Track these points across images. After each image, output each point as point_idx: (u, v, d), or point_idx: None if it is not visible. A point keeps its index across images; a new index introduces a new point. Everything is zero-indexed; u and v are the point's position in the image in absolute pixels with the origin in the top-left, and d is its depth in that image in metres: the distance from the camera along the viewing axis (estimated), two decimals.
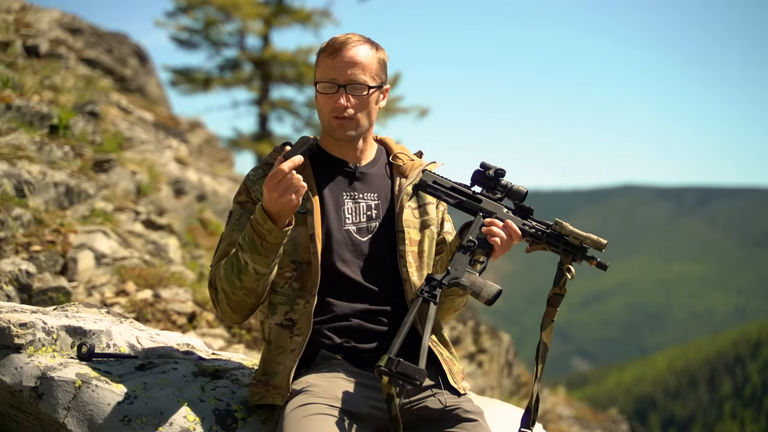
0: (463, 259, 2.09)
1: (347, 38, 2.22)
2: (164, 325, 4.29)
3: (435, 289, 2.03)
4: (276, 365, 2.18)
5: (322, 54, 2.24)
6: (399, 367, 1.87)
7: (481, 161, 2.27)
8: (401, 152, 2.41)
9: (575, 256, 2.15)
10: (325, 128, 2.28)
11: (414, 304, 2.01)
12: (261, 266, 2.09)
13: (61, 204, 5.20)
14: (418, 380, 1.87)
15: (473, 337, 11.23)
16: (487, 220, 2.17)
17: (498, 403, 2.71)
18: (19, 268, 4.04)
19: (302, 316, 2.18)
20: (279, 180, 2.01)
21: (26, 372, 2.15)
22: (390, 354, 1.89)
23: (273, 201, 2.02)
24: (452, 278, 2.06)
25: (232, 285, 2.12)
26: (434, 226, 2.37)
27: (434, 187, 2.26)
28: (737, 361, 56.79)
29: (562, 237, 2.17)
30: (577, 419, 13.26)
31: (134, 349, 2.47)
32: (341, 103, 2.20)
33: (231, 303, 2.16)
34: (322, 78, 2.22)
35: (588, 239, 2.14)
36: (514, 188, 2.23)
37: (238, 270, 2.11)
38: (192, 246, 7.19)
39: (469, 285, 2.06)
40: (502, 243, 2.14)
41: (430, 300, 2.02)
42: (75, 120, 6.39)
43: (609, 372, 67.10)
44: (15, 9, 8.97)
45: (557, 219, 2.18)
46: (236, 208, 2.26)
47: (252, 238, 2.07)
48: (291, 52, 19.83)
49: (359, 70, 2.21)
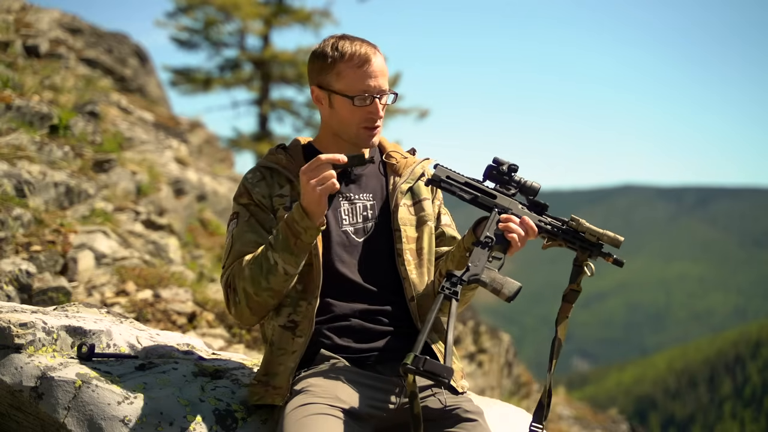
0: (482, 256, 2.06)
1: (366, 48, 2.19)
2: (164, 325, 4.29)
3: (456, 285, 1.98)
4: (277, 366, 2.18)
5: (345, 65, 2.18)
6: (426, 365, 1.81)
7: (494, 157, 2.25)
8: (394, 150, 2.41)
9: (592, 253, 2.14)
10: (351, 138, 2.25)
11: (435, 302, 1.95)
12: (291, 266, 2.10)
13: (61, 204, 5.20)
14: (446, 378, 1.82)
15: (473, 337, 11.23)
16: (504, 217, 2.15)
17: (498, 403, 2.71)
18: (19, 268, 4.04)
19: (304, 318, 2.18)
20: (316, 165, 2.02)
21: (26, 372, 2.15)
22: (415, 352, 1.83)
23: (311, 189, 2.02)
24: (472, 275, 2.02)
25: (258, 286, 2.11)
26: (431, 221, 2.36)
27: (448, 182, 2.22)
28: (737, 361, 56.81)
29: (579, 234, 2.15)
30: (577, 419, 13.26)
31: (134, 349, 2.47)
32: (380, 114, 2.21)
33: (252, 304, 2.14)
34: (355, 91, 2.18)
35: (605, 236, 2.13)
36: (527, 184, 2.21)
37: (267, 270, 2.09)
38: (192, 246, 7.19)
39: (489, 282, 2.03)
40: (519, 239, 2.12)
41: (452, 297, 1.96)
42: (75, 120, 6.39)
43: (609, 372, 67.11)
44: (15, 9, 8.97)
45: (573, 216, 2.17)
46: (242, 210, 2.25)
47: (286, 236, 2.07)
48: (291, 52, 19.83)
49: (384, 78, 2.22)
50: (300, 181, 2.06)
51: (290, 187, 2.25)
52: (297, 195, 2.23)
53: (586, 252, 2.14)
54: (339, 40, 2.22)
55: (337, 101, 2.21)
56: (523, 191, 2.21)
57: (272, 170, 2.28)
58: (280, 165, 2.27)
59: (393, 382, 2.17)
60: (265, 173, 2.28)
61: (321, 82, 2.23)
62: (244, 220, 2.23)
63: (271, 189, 2.25)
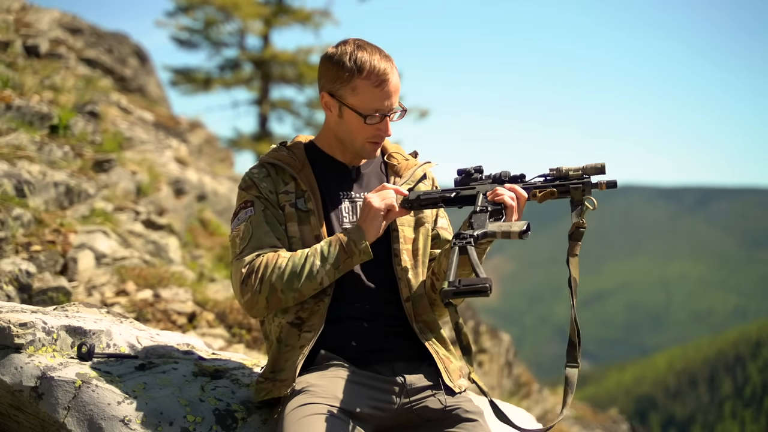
0: (481, 217, 2.07)
1: (384, 65, 2.17)
2: (164, 325, 4.29)
3: (467, 237, 1.95)
4: (284, 362, 2.18)
5: (362, 82, 2.16)
6: (463, 282, 1.80)
7: (457, 168, 2.29)
8: (396, 152, 2.42)
9: (584, 188, 2.13)
10: (356, 150, 2.26)
11: (452, 253, 1.92)
12: (329, 280, 2.13)
13: (61, 204, 5.20)
14: (487, 286, 1.79)
15: (473, 337, 11.23)
16: (490, 192, 2.16)
17: (498, 403, 2.71)
18: (19, 268, 4.04)
19: (312, 314, 2.18)
20: (383, 189, 2.16)
21: (26, 372, 2.15)
22: (448, 279, 1.83)
23: (375, 209, 2.13)
24: (480, 231, 1.99)
25: (290, 285, 2.11)
26: (429, 223, 2.37)
27: (425, 196, 2.23)
28: (737, 361, 56.80)
29: (565, 177, 2.15)
30: (577, 419, 13.27)
31: (134, 349, 2.47)
32: (388, 133, 2.24)
33: (273, 298, 2.12)
34: (369, 110, 2.17)
35: (587, 168, 2.12)
36: (499, 174, 2.22)
37: (307, 275, 2.11)
38: (192, 246, 7.20)
39: (496, 229, 2.01)
40: (512, 200, 2.11)
41: (467, 245, 1.93)
42: (75, 120, 6.39)
43: (609, 372, 67.11)
44: (15, 9, 8.97)
45: (551, 167, 2.18)
46: (256, 201, 2.22)
47: (337, 252, 2.11)
48: (291, 52, 19.85)
49: (397, 96, 2.22)
50: (363, 202, 2.16)
51: (294, 184, 2.25)
52: (301, 192, 2.24)
53: (578, 189, 2.13)
54: (358, 50, 2.18)
55: (347, 114, 2.20)
56: (497, 180, 2.22)
57: (276, 167, 2.28)
58: (284, 162, 2.27)
59: (393, 382, 2.17)
60: (270, 170, 2.27)
61: (334, 91, 2.21)
62: (261, 209, 2.21)
63: (276, 185, 2.25)
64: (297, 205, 2.22)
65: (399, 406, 2.16)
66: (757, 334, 58.08)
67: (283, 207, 2.23)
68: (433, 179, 2.43)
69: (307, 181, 2.24)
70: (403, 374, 2.19)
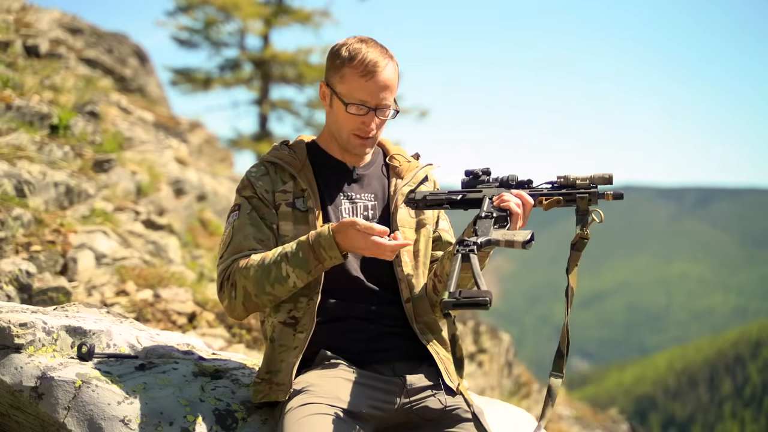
0: (485, 223, 2.05)
1: (377, 59, 2.17)
2: (164, 325, 4.29)
3: (470, 244, 1.92)
4: (279, 363, 2.18)
5: (350, 70, 2.17)
6: (463, 294, 1.76)
7: (465, 169, 2.27)
8: (398, 153, 2.42)
9: (590, 198, 2.12)
10: (342, 143, 2.26)
11: (455, 260, 1.88)
12: (301, 281, 2.11)
13: (61, 204, 5.20)
14: (487, 300, 1.75)
15: (473, 337, 11.23)
16: (496, 197, 2.14)
17: (498, 403, 2.72)
18: (19, 268, 4.04)
19: (305, 314, 2.18)
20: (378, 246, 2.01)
21: (26, 372, 2.15)
22: (449, 290, 1.79)
23: (354, 246, 2.03)
24: (484, 238, 1.97)
25: (261, 289, 2.11)
26: (430, 225, 2.37)
27: (432, 196, 2.22)
28: (737, 361, 56.83)
29: (572, 186, 2.14)
30: (577, 419, 13.27)
31: (134, 349, 2.46)
32: (371, 127, 2.21)
33: (248, 303, 2.14)
34: (352, 99, 2.17)
35: (595, 177, 2.12)
36: (506, 177, 2.21)
37: (275, 279, 2.10)
38: (192, 246, 7.20)
39: (500, 237, 1.99)
40: (518, 207, 2.09)
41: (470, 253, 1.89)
42: (75, 120, 6.39)
43: (609, 372, 67.14)
44: (15, 9, 8.96)
45: (558, 174, 2.17)
46: (244, 202, 2.24)
47: (307, 257, 2.08)
48: (291, 52, 19.84)
49: (389, 93, 2.20)
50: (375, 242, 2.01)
51: (293, 183, 2.25)
52: (300, 191, 2.24)
53: (584, 198, 2.13)
54: (357, 42, 2.20)
55: (335, 103, 2.22)
56: (504, 184, 2.21)
57: (276, 165, 2.28)
58: (284, 161, 2.27)
59: (393, 382, 2.17)
60: (269, 168, 2.28)
61: (328, 79, 2.23)
62: (246, 212, 2.22)
63: (274, 184, 2.25)
64: (295, 204, 2.22)
65: (399, 406, 2.16)
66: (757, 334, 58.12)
67: (279, 206, 2.23)
68: (435, 182, 2.43)
69: (306, 181, 2.24)
70: (403, 374, 2.19)
